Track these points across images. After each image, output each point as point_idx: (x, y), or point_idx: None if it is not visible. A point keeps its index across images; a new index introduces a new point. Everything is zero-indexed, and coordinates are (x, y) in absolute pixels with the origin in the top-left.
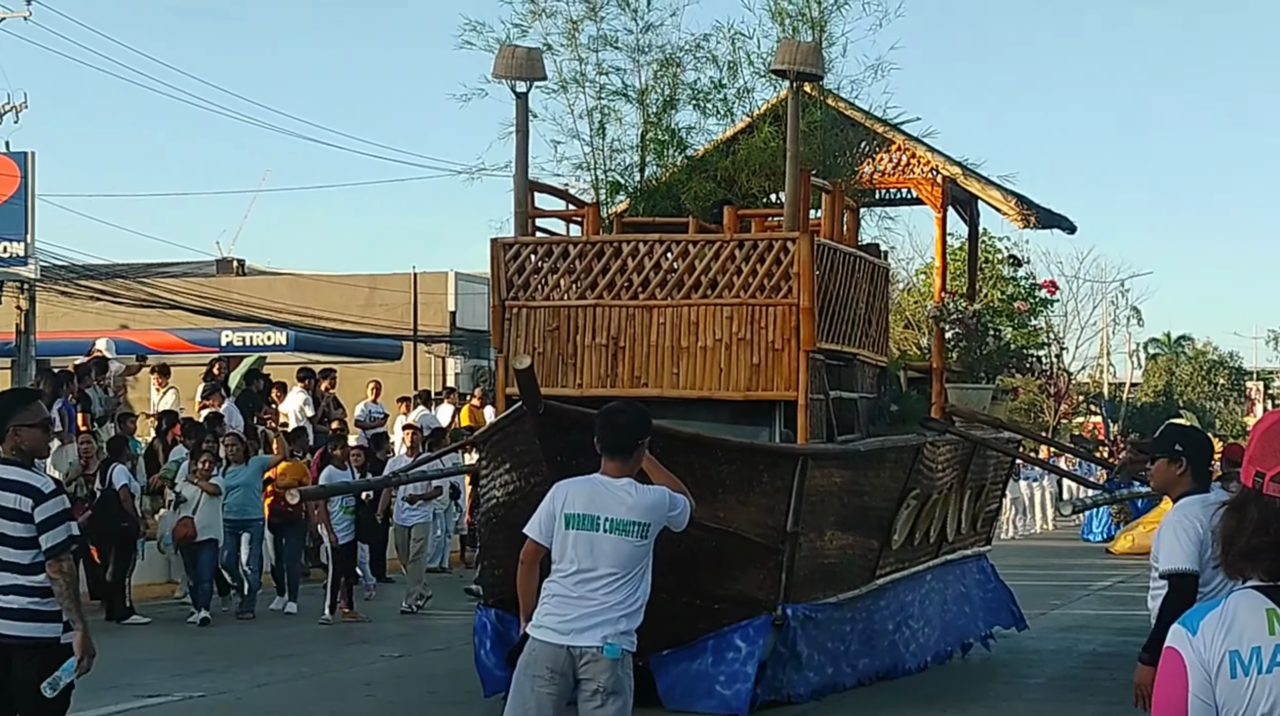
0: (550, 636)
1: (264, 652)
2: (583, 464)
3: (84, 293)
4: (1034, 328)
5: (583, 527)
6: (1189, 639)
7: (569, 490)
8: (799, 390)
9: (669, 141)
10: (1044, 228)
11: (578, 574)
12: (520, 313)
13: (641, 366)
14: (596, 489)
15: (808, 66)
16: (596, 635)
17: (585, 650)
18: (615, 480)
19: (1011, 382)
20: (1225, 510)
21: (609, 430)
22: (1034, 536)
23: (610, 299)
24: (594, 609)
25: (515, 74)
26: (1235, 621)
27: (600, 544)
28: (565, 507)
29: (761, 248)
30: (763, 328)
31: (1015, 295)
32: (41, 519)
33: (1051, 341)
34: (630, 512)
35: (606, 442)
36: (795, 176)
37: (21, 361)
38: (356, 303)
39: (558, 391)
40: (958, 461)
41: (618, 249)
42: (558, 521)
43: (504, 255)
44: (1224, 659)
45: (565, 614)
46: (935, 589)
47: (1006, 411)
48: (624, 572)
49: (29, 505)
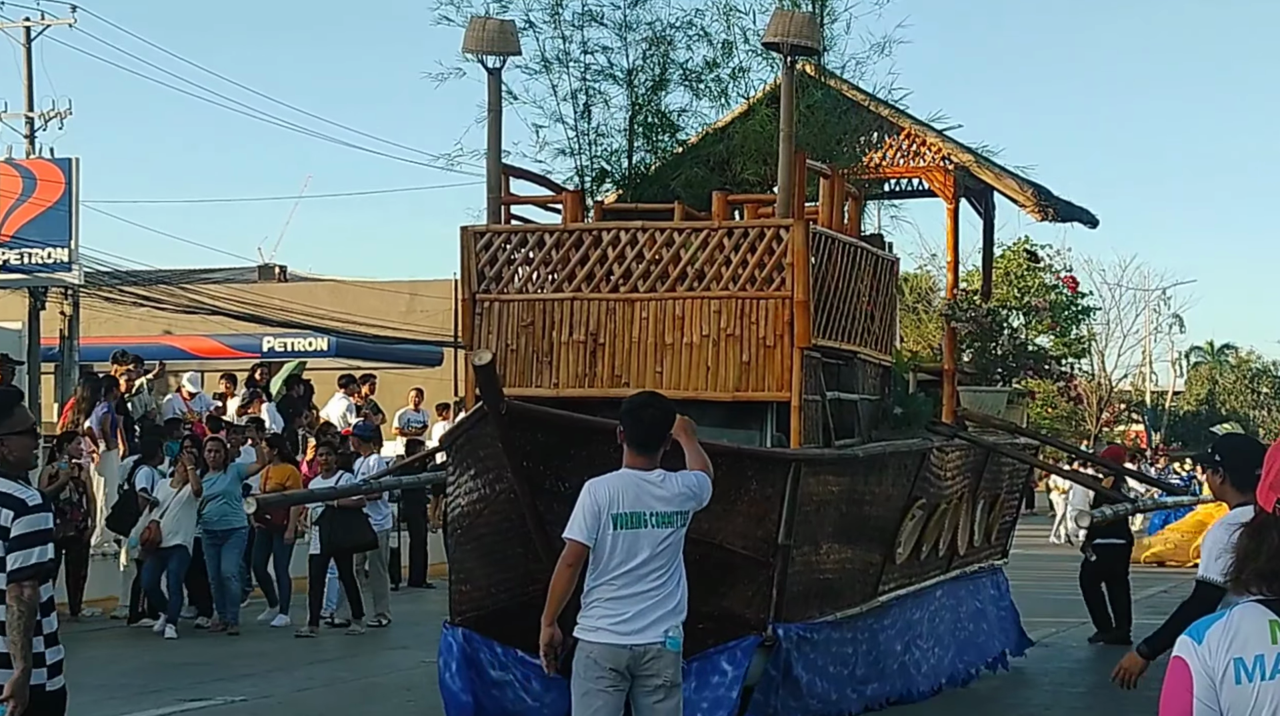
0: (610, 637)
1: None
2: (550, 468)
3: (127, 298)
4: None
5: (630, 526)
6: (1195, 648)
7: (611, 489)
8: (792, 390)
9: (659, 125)
10: (1063, 221)
11: (629, 572)
12: (492, 307)
13: (622, 364)
14: (636, 485)
15: (802, 39)
16: (658, 630)
17: (649, 646)
18: (648, 473)
19: (1030, 386)
20: (1243, 532)
21: (638, 425)
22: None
23: (589, 292)
24: (650, 604)
25: (486, 48)
26: (1240, 631)
27: (647, 539)
28: (612, 507)
29: (752, 236)
30: (753, 322)
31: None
32: (16, 535)
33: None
34: (669, 504)
35: (635, 437)
36: (789, 158)
37: (65, 366)
38: (398, 308)
39: (532, 392)
40: (969, 468)
41: (597, 238)
42: (603, 521)
43: (474, 245)
44: (1229, 666)
45: (622, 613)
46: (946, 606)
47: (1023, 415)
48: (670, 564)
49: (9, 518)
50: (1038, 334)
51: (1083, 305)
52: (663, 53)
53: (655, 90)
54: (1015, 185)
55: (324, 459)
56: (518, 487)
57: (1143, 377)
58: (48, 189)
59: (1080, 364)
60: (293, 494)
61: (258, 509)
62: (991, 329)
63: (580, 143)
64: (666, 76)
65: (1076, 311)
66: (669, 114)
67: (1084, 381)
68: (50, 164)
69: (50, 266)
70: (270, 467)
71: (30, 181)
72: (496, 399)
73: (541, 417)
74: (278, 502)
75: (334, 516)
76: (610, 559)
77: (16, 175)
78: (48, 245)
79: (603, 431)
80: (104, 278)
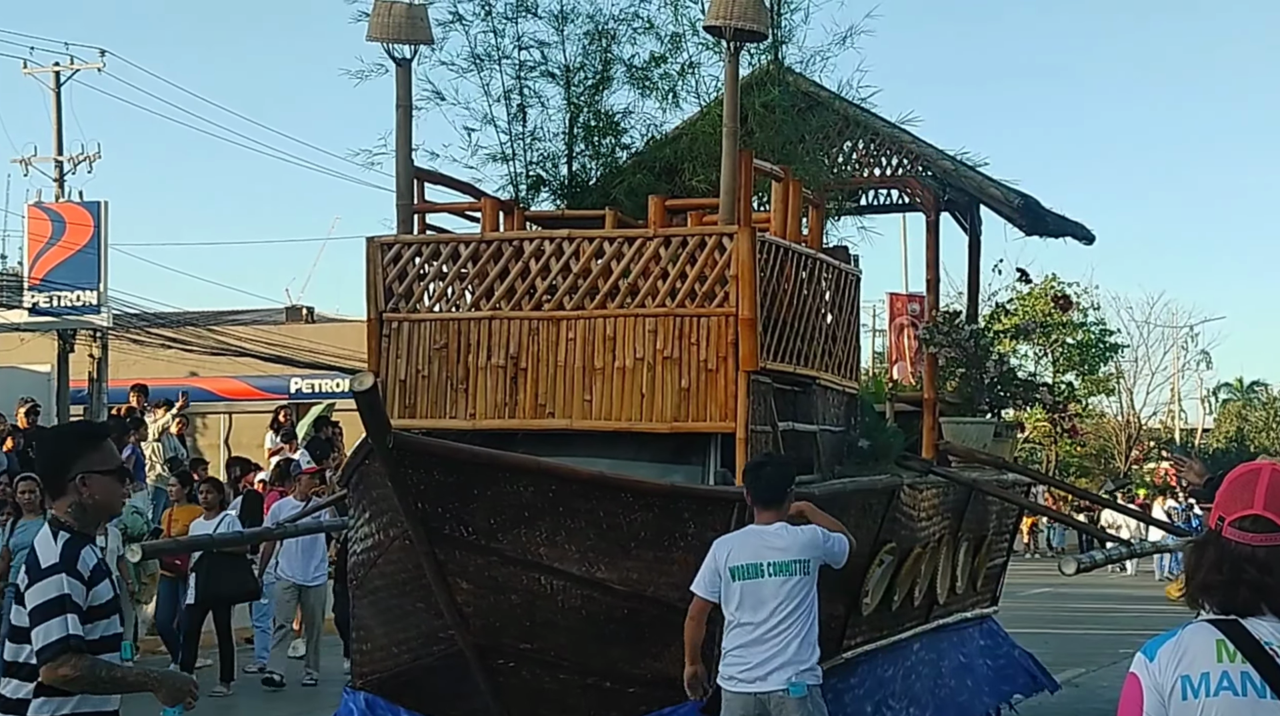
0: (740, 686)
1: None
2: (450, 511)
3: (155, 340)
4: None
5: (748, 577)
6: (1147, 665)
7: (730, 545)
8: (737, 420)
9: (601, 127)
10: (1054, 236)
11: (752, 623)
12: (401, 327)
13: (547, 392)
14: (754, 538)
15: (748, 22)
16: (781, 677)
17: (771, 694)
18: (767, 527)
19: (1021, 417)
20: (1190, 548)
21: (758, 482)
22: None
23: (509, 309)
24: (773, 652)
25: (393, 36)
26: (1188, 650)
27: (767, 588)
28: (729, 561)
29: (692, 245)
30: (693, 343)
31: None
32: (32, 606)
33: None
34: (787, 553)
35: (757, 494)
36: (733, 157)
37: (94, 408)
38: None
39: (446, 423)
40: (949, 508)
41: (518, 248)
42: (723, 576)
43: (381, 258)
44: (1176, 683)
45: (748, 661)
46: (925, 660)
47: (1012, 449)
48: (794, 611)
49: (24, 582)
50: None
51: (1111, 342)
52: (604, 47)
53: (596, 89)
54: (999, 194)
55: (205, 497)
56: (412, 534)
57: (1172, 415)
58: (77, 232)
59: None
60: (188, 539)
61: (143, 557)
62: (976, 354)
63: (514, 147)
64: (609, 74)
65: (1104, 349)
66: (612, 115)
67: (1113, 419)
68: (79, 207)
69: (79, 309)
70: (175, 508)
71: (60, 225)
72: (382, 431)
73: (436, 452)
74: (170, 549)
75: (211, 563)
76: (735, 610)
77: (46, 219)
78: (77, 288)
79: (510, 468)
80: (132, 320)
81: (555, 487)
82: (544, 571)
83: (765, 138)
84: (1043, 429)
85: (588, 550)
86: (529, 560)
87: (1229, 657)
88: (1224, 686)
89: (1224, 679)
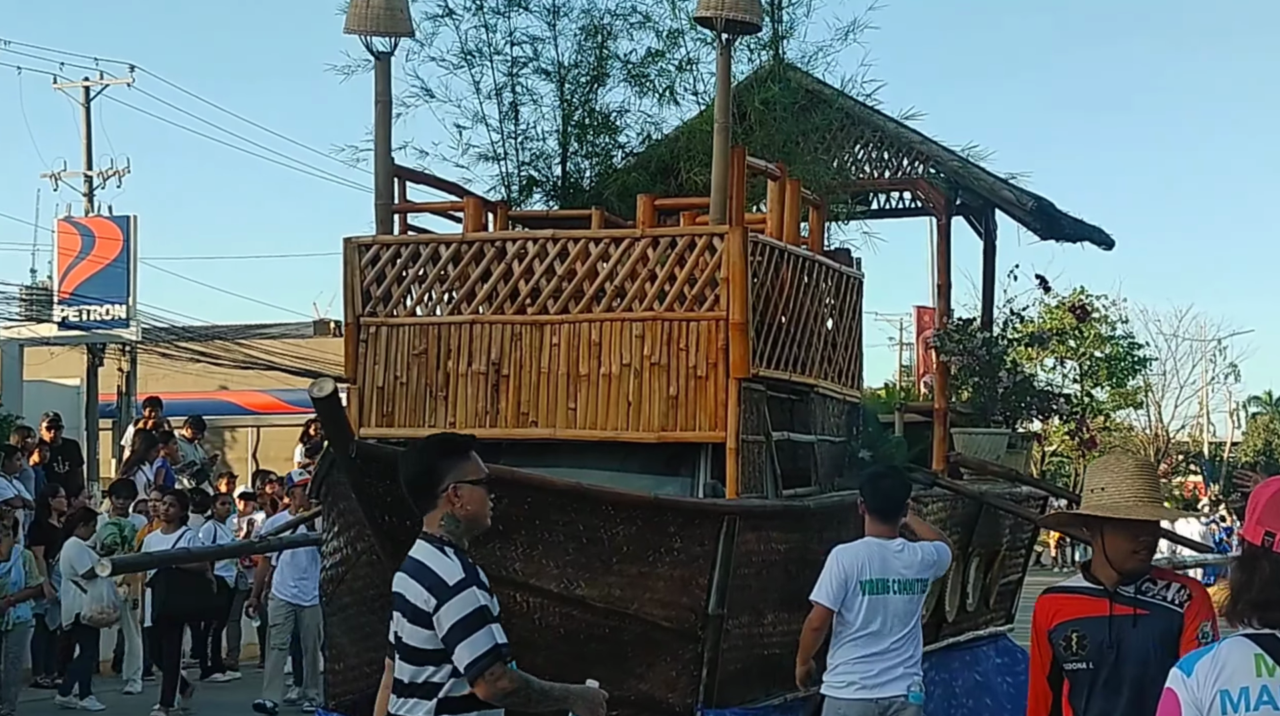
0: (860, 692)
1: None
2: (417, 524)
3: (184, 354)
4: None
5: (876, 592)
6: (1184, 681)
7: (858, 556)
8: (728, 429)
9: (595, 126)
10: (1070, 240)
11: (875, 634)
12: (379, 332)
13: (529, 400)
14: (880, 552)
15: (739, 13)
16: (901, 685)
17: (893, 699)
18: (890, 542)
19: (1045, 429)
20: (1235, 565)
21: (877, 494)
22: None
23: (491, 313)
24: (893, 662)
25: (372, 28)
26: (1227, 665)
27: (892, 604)
28: (861, 575)
29: (681, 246)
30: (682, 349)
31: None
32: (450, 623)
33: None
34: (910, 571)
35: (875, 506)
36: (725, 154)
37: (122, 422)
38: None
39: (425, 432)
40: (957, 522)
41: (501, 249)
42: (851, 587)
43: (358, 259)
44: (1215, 698)
45: (869, 670)
46: (936, 681)
47: (1028, 460)
48: (913, 626)
49: (429, 601)
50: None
51: (1139, 355)
52: (599, 43)
53: (591, 86)
54: (1011, 196)
55: (166, 510)
56: (379, 548)
57: (1200, 429)
58: (106, 246)
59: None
60: (161, 554)
61: (113, 571)
62: (990, 363)
63: (506, 146)
64: (604, 70)
65: (1133, 362)
66: (607, 113)
67: (1141, 432)
68: (109, 222)
69: (108, 323)
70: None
71: (89, 239)
72: (344, 439)
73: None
74: (140, 565)
75: (170, 578)
76: (856, 622)
77: (76, 233)
78: (106, 302)
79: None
80: (161, 334)
81: (531, 499)
82: (520, 588)
83: (765, 136)
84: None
85: (566, 565)
86: (503, 576)
87: (1268, 672)
88: (1264, 701)
89: (1264, 693)
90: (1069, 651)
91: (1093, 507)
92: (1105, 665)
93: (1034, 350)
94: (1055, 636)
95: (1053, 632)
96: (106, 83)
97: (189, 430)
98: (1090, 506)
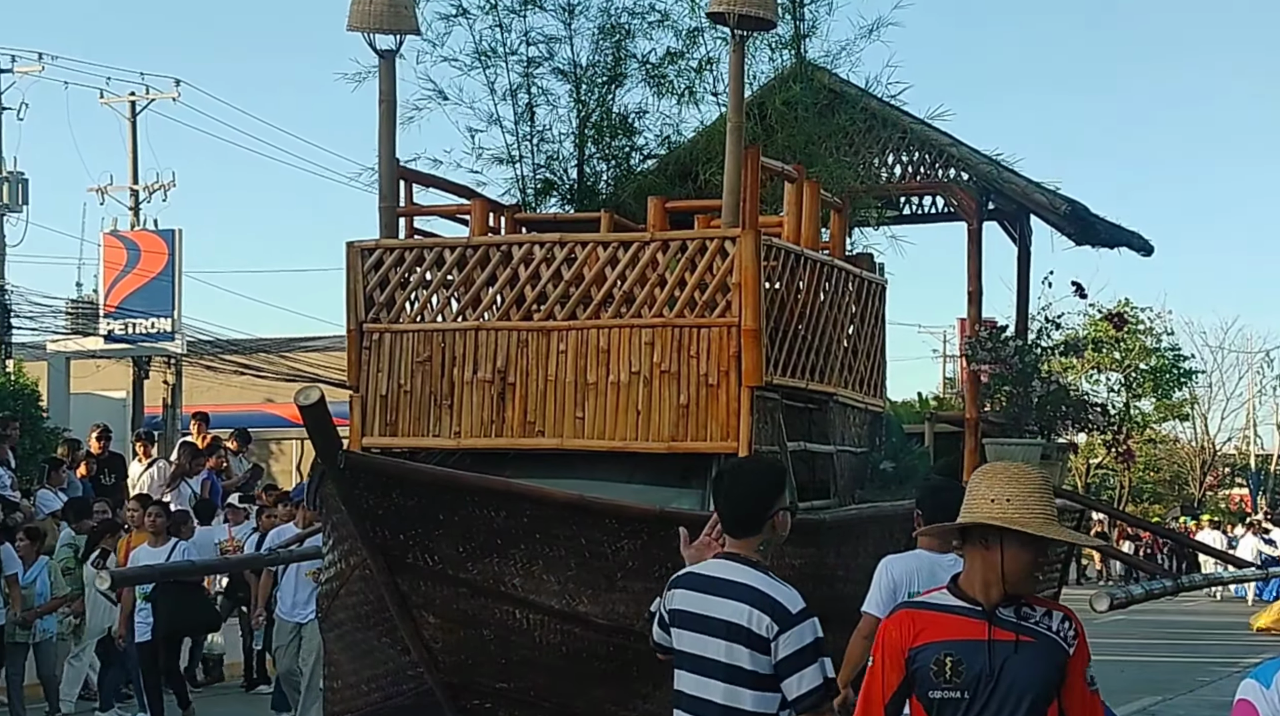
0: None
1: None
2: (413, 538)
3: (228, 367)
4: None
5: None
6: (1263, 691)
7: (908, 568)
8: (740, 439)
9: (613, 127)
10: (1107, 245)
11: None
12: (383, 339)
13: (536, 409)
14: (930, 566)
15: (753, 9)
16: None
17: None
18: (942, 557)
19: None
20: None
21: (936, 507)
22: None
23: (497, 320)
24: None
25: (375, 25)
26: None
27: None
28: (910, 586)
29: (692, 249)
30: (693, 356)
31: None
32: (786, 653)
33: (1194, 413)
34: None
35: (931, 519)
36: (737, 155)
37: (168, 434)
38: None
39: (429, 442)
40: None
41: (506, 253)
42: (900, 598)
43: (362, 264)
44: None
45: None
46: None
47: (1062, 472)
48: None
49: (768, 627)
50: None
51: (1185, 367)
52: (616, 43)
53: (608, 87)
54: (1044, 200)
55: (152, 521)
56: (371, 562)
57: (1246, 441)
58: (151, 260)
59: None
60: (166, 566)
61: (112, 584)
62: (1023, 371)
63: (521, 149)
64: (621, 71)
65: (1178, 374)
66: (625, 115)
67: (1186, 444)
68: (154, 235)
69: (154, 336)
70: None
71: (135, 253)
72: (332, 450)
73: (391, 472)
74: (140, 578)
75: (168, 593)
76: None
77: (121, 247)
78: (151, 315)
79: (475, 491)
80: (206, 347)
81: (530, 512)
82: (519, 604)
83: (786, 137)
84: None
85: (568, 581)
86: (502, 592)
87: None
88: None
89: None
90: (940, 677)
91: (1003, 519)
92: (982, 696)
93: (1069, 359)
94: (921, 658)
95: (918, 654)
96: (152, 97)
97: (234, 442)
98: (998, 517)
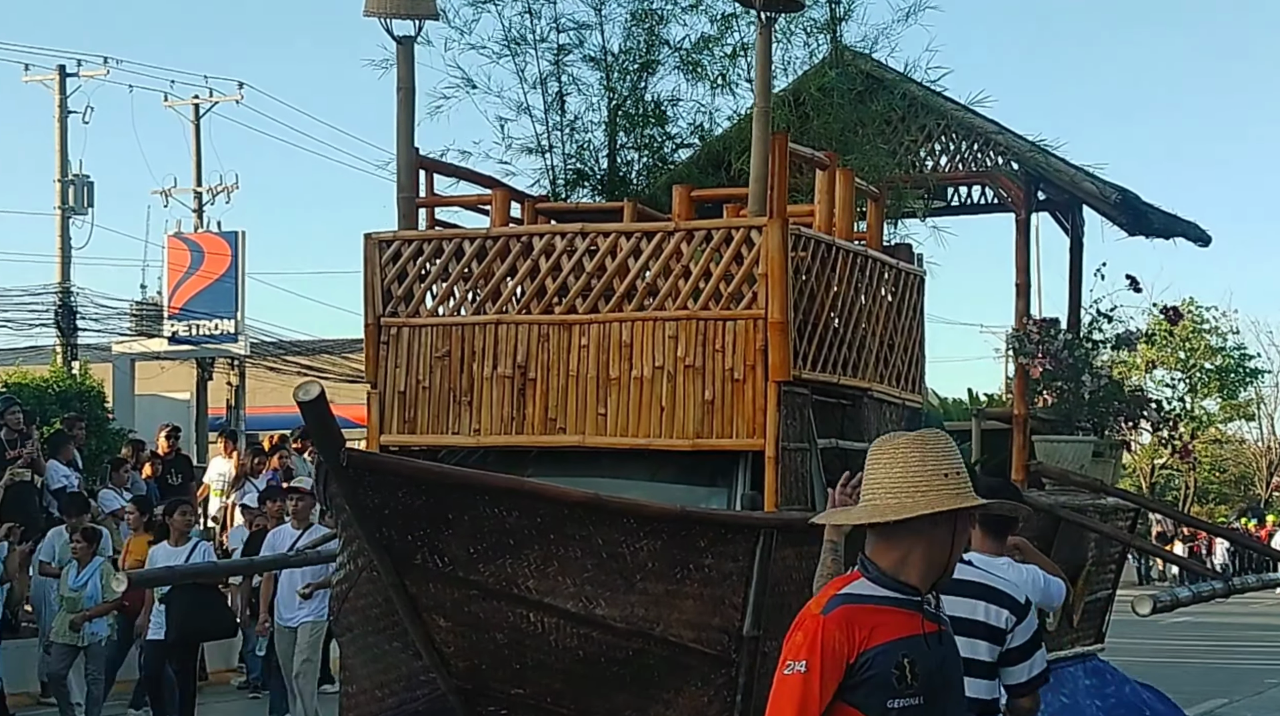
0: None
1: None
2: (421, 538)
3: (291, 368)
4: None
5: None
6: None
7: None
8: (766, 436)
9: (645, 115)
10: (1161, 236)
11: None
12: (400, 333)
13: (557, 404)
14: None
15: None
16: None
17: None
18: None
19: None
20: None
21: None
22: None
23: (517, 313)
24: None
25: (393, 10)
26: None
27: None
28: None
29: (717, 239)
30: (718, 350)
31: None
32: (1020, 642)
33: (1260, 412)
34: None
35: (985, 520)
36: (764, 141)
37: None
38: None
39: (448, 440)
40: (1031, 536)
41: (527, 245)
42: None
43: (379, 256)
44: None
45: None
46: None
47: (1114, 470)
48: None
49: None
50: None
51: (1250, 367)
52: (649, 29)
53: (640, 74)
54: (1094, 189)
55: (180, 520)
56: (378, 564)
57: None
58: (215, 262)
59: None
60: (182, 569)
61: (129, 586)
62: (1073, 366)
63: (552, 138)
64: (654, 57)
65: (1244, 373)
66: (659, 102)
67: (1253, 445)
68: (217, 237)
69: (217, 337)
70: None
71: (198, 255)
72: (334, 446)
73: (396, 470)
74: (158, 580)
75: (184, 595)
76: None
77: (185, 249)
78: (214, 317)
79: (485, 489)
80: (269, 348)
81: (544, 512)
82: (533, 607)
83: (822, 124)
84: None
85: (585, 583)
86: (515, 594)
87: None
88: None
89: None
90: (902, 683)
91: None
92: (939, 697)
93: (1122, 352)
94: (879, 662)
95: (871, 658)
96: (216, 100)
97: (299, 443)
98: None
